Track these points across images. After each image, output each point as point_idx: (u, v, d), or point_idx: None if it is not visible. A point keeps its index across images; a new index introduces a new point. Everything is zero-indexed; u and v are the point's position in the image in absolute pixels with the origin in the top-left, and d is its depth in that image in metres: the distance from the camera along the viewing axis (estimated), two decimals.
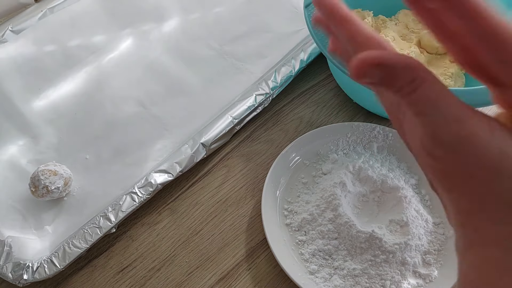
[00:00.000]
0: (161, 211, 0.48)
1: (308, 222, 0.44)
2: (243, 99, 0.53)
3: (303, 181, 0.47)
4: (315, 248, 0.42)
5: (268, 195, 0.45)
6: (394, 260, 0.40)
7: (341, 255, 0.41)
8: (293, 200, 0.46)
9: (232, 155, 0.52)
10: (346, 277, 0.40)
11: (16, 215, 0.46)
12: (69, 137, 0.52)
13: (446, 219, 0.40)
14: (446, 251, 0.42)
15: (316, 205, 0.44)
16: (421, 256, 0.42)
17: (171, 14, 0.63)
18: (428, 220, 0.43)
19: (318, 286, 0.41)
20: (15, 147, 0.51)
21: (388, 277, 0.40)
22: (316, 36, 0.45)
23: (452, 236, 0.43)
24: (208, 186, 0.49)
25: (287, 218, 0.45)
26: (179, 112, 0.54)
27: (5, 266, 0.41)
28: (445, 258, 0.42)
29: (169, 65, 0.58)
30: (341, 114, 0.55)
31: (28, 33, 0.60)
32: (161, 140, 0.51)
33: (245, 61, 0.58)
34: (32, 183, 0.45)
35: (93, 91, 0.55)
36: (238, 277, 0.44)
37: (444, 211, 0.20)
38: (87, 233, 0.43)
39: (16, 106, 0.54)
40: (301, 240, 0.44)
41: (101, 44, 0.60)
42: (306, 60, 0.56)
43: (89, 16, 0.62)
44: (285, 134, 0.53)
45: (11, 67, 0.57)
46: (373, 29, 0.56)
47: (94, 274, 0.44)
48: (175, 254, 0.45)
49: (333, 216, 0.42)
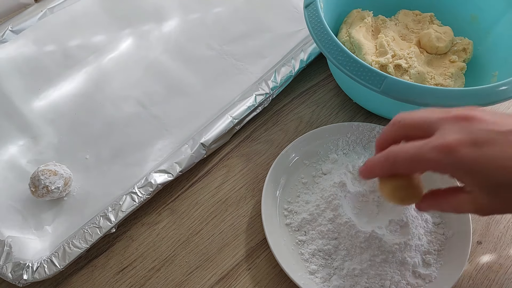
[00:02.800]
0: (161, 211, 0.48)
1: (308, 222, 0.44)
2: (243, 99, 0.53)
3: (303, 181, 0.47)
4: (315, 248, 0.42)
5: (268, 195, 0.45)
6: (393, 260, 0.40)
7: (341, 255, 0.41)
8: (293, 200, 0.46)
9: (232, 155, 0.52)
10: (346, 277, 0.40)
11: (16, 215, 0.46)
12: (69, 137, 0.52)
13: (446, 219, 0.41)
14: (446, 251, 0.42)
15: (316, 205, 0.44)
16: (421, 256, 0.42)
17: (171, 14, 0.63)
18: (428, 220, 0.43)
19: (317, 286, 0.41)
20: (15, 147, 0.51)
21: (388, 277, 0.40)
22: (316, 36, 0.45)
23: (452, 236, 0.43)
24: (208, 186, 0.49)
25: (287, 218, 0.45)
26: (179, 112, 0.54)
27: (5, 266, 0.42)
28: (445, 258, 0.42)
29: (169, 65, 0.58)
30: (341, 114, 0.55)
31: (28, 33, 0.60)
32: (161, 140, 0.51)
33: (245, 61, 0.58)
34: (32, 183, 0.45)
35: (93, 91, 0.56)
36: (238, 277, 0.44)
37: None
38: (87, 233, 0.43)
39: (16, 106, 0.54)
40: (301, 240, 0.44)
41: (101, 44, 0.60)
42: (306, 60, 0.56)
43: (89, 16, 0.62)
44: (285, 134, 0.53)
45: (11, 67, 0.57)
46: (373, 30, 0.56)
47: (94, 274, 0.44)
48: (175, 254, 0.45)
49: (333, 216, 0.42)
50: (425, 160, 0.28)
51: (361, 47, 0.52)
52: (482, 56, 0.54)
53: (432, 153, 0.28)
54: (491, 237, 0.46)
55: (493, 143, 0.27)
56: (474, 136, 0.27)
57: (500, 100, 0.40)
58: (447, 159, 0.27)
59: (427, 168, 0.29)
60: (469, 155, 0.27)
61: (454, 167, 0.28)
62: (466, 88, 0.42)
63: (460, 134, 0.28)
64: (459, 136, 0.28)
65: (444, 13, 0.57)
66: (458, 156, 0.27)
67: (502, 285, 0.43)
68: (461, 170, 0.28)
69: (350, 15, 0.56)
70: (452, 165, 0.28)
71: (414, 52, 0.52)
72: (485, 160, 0.27)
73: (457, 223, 0.43)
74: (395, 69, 0.50)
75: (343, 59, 0.43)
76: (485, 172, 0.27)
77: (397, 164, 0.30)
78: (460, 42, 0.55)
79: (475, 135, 0.27)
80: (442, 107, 0.40)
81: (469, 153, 0.27)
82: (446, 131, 0.28)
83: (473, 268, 0.44)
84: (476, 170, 0.27)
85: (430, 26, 0.56)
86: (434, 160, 0.28)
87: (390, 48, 0.51)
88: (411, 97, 0.40)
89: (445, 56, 0.54)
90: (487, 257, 0.44)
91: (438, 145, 0.28)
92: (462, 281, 0.43)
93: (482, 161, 0.27)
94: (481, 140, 0.27)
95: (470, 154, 0.27)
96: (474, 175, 0.27)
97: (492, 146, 0.27)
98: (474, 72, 0.53)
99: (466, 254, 0.41)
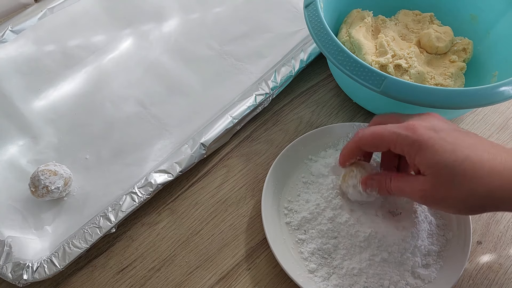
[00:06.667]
0: (161, 211, 0.48)
1: (308, 221, 0.44)
2: (243, 99, 0.53)
3: (303, 180, 0.47)
4: (315, 247, 0.42)
5: (268, 195, 0.45)
6: (393, 260, 0.40)
7: (340, 254, 0.41)
8: (293, 199, 0.46)
9: (232, 155, 0.52)
10: (345, 276, 0.40)
11: (16, 215, 0.46)
12: (69, 137, 0.52)
13: (449, 221, 0.41)
14: (446, 251, 0.42)
15: (316, 204, 0.44)
16: (421, 257, 0.41)
17: (171, 14, 0.63)
18: (432, 222, 0.43)
19: (316, 285, 0.41)
20: (15, 147, 0.51)
21: (387, 277, 0.40)
22: (316, 36, 0.45)
23: (453, 238, 0.43)
24: (208, 186, 0.49)
25: (287, 216, 0.45)
26: (179, 112, 0.54)
27: (5, 266, 0.42)
28: (445, 259, 0.42)
29: (169, 65, 0.58)
30: (341, 114, 0.55)
31: (28, 33, 0.60)
32: (161, 140, 0.51)
33: (245, 61, 0.58)
34: (32, 183, 0.45)
35: (93, 91, 0.56)
36: (238, 277, 0.44)
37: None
38: (87, 233, 0.43)
39: (16, 106, 0.54)
40: (300, 239, 0.44)
41: (101, 44, 0.60)
42: (306, 60, 0.56)
43: (89, 16, 0.62)
44: (285, 134, 0.53)
45: (11, 67, 0.57)
46: (373, 30, 0.56)
47: (94, 274, 0.44)
48: (175, 254, 0.45)
49: (333, 215, 0.42)
50: (388, 133, 0.34)
51: (361, 47, 0.52)
52: (482, 56, 0.54)
53: (395, 129, 0.33)
54: (491, 237, 0.46)
55: (447, 132, 0.33)
56: (432, 124, 0.33)
57: (500, 100, 0.40)
58: (407, 133, 0.33)
59: (388, 142, 0.34)
60: (425, 133, 0.32)
61: (411, 141, 0.33)
62: (466, 88, 0.42)
63: (422, 121, 0.34)
64: (420, 121, 0.34)
65: (444, 13, 0.57)
66: (416, 133, 0.32)
67: (502, 285, 0.43)
68: (416, 146, 0.32)
69: (350, 15, 0.56)
70: (409, 140, 0.33)
71: (414, 52, 0.52)
72: (437, 139, 0.32)
73: (457, 223, 0.43)
74: (395, 69, 0.50)
75: (343, 59, 0.43)
76: (434, 150, 0.32)
77: (363, 140, 0.36)
78: (460, 42, 0.55)
79: (433, 124, 0.33)
80: (442, 108, 0.40)
81: (426, 132, 0.32)
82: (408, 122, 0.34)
83: (473, 268, 0.44)
84: (427, 147, 0.32)
85: (430, 26, 0.56)
86: (396, 134, 0.33)
87: (390, 48, 0.51)
88: (411, 97, 0.40)
89: (445, 56, 0.54)
90: (487, 257, 0.44)
91: (402, 124, 0.34)
92: (462, 281, 0.43)
93: (435, 139, 0.32)
94: (438, 127, 0.33)
95: (427, 133, 0.32)
96: (425, 152, 0.32)
97: (446, 132, 0.33)
98: (474, 72, 0.53)
99: (466, 254, 0.41)
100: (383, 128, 0.35)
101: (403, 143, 0.33)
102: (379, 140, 0.35)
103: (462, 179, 0.31)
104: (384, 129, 0.35)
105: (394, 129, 0.34)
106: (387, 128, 0.34)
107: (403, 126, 0.34)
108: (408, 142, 0.33)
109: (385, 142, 0.34)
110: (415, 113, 0.36)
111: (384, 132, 0.34)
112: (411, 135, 0.33)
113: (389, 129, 0.34)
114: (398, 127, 0.34)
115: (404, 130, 0.33)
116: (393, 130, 0.34)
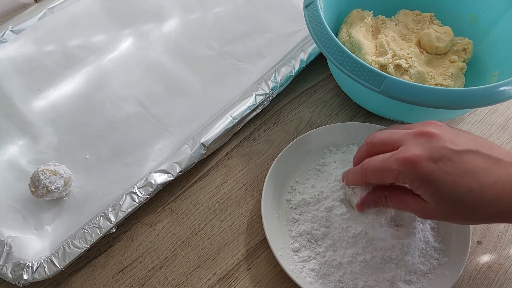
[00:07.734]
0: (161, 211, 0.48)
1: (307, 204, 0.44)
2: (243, 99, 0.53)
3: (317, 167, 0.48)
4: (305, 229, 0.43)
5: (268, 195, 0.45)
6: (374, 264, 0.40)
7: (327, 243, 0.42)
8: (301, 181, 0.47)
9: (232, 155, 0.52)
10: (324, 265, 0.41)
11: (16, 215, 0.46)
12: (69, 137, 0.52)
13: (448, 247, 0.41)
14: (433, 276, 0.41)
15: (320, 191, 0.44)
16: (405, 272, 0.40)
17: (171, 14, 0.63)
18: (429, 243, 0.42)
19: (294, 263, 0.41)
20: (15, 147, 0.51)
21: (363, 279, 0.40)
22: (316, 36, 0.45)
23: (446, 264, 0.41)
24: (208, 186, 0.49)
25: (289, 194, 0.46)
26: (179, 112, 0.54)
27: (5, 266, 0.42)
28: (429, 281, 0.40)
29: (169, 65, 0.58)
30: (341, 114, 0.55)
31: (28, 33, 0.60)
32: (161, 140, 0.51)
33: (245, 61, 0.58)
34: (32, 183, 0.45)
35: (93, 91, 0.56)
36: (238, 277, 0.44)
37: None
38: (87, 233, 0.43)
39: (16, 106, 0.54)
40: (294, 218, 0.44)
41: (101, 44, 0.60)
42: (306, 60, 0.56)
43: (89, 16, 0.63)
44: (285, 134, 0.53)
45: (11, 67, 0.57)
46: (373, 30, 0.56)
47: (94, 274, 0.44)
48: (175, 254, 0.45)
49: (331, 205, 0.42)
50: (389, 170, 0.33)
51: (361, 47, 0.52)
52: (482, 56, 0.54)
53: (395, 164, 0.33)
54: (491, 237, 0.46)
55: (447, 160, 0.32)
56: (431, 152, 0.32)
57: (500, 100, 0.40)
58: (407, 170, 0.32)
59: (391, 178, 0.34)
60: (425, 168, 0.32)
61: (412, 178, 0.32)
62: (466, 88, 0.42)
63: (419, 149, 0.32)
64: (418, 151, 0.32)
65: (444, 13, 0.57)
66: (416, 168, 0.32)
67: (502, 285, 0.43)
68: (417, 180, 0.32)
69: (350, 15, 0.56)
70: (410, 176, 0.32)
71: (414, 52, 0.52)
72: (438, 174, 0.31)
73: (457, 225, 0.43)
74: (395, 69, 0.50)
75: (343, 59, 0.43)
76: (435, 185, 0.32)
77: (368, 175, 0.36)
78: (460, 42, 0.55)
79: (432, 151, 0.32)
80: (442, 108, 0.40)
81: (425, 166, 0.32)
82: (408, 146, 0.33)
83: (473, 268, 0.44)
84: (430, 182, 0.32)
85: (430, 26, 0.56)
86: (397, 171, 0.33)
87: (390, 48, 0.51)
88: (411, 97, 0.40)
89: (445, 56, 0.54)
90: (487, 257, 0.44)
91: (400, 157, 0.33)
92: (462, 281, 0.43)
93: (436, 174, 0.31)
94: (437, 156, 0.32)
95: (427, 167, 0.32)
96: (427, 185, 0.32)
97: (446, 162, 0.32)
98: (474, 72, 0.53)
99: (466, 254, 0.41)
100: (383, 162, 0.34)
101: (404, 179, 0.33)
102: (381, 177, 0.35)
103: (465, 210, 0.32)
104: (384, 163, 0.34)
105: (393, 166, 0.33)
106: (387, 162, 0.34)
107: (399, 159, 0.33)
108: (409, 179, 0.33)
109: (387, 178, 0.34)
110: (407, 128, 0.35)
111: (385, 170, 0.34)
112: (410, 172, 0.32)
113: (388, 165, 0.33)
114: (397, 160, 0.33)
115: (403, 167, 0.32)
116: (392, 167, 0.33)
